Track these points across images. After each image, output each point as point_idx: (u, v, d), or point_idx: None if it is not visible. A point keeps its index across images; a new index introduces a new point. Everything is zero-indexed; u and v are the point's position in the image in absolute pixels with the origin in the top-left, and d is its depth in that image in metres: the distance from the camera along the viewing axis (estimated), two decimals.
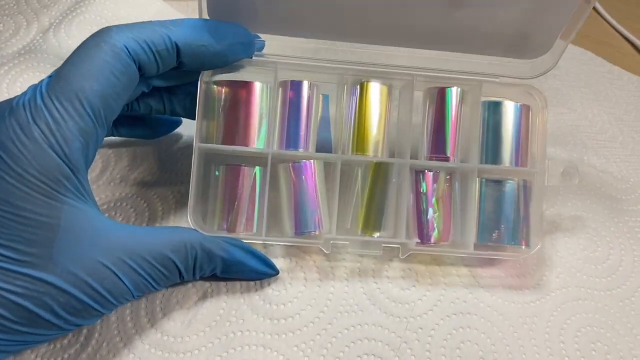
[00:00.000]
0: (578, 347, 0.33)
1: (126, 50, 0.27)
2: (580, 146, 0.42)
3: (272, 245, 0.34)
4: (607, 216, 0.38)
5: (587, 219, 0.38)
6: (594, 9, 0.54)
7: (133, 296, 0.27)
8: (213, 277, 0.32)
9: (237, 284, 0.33)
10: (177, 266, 0.28)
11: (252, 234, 0.33)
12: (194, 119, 0.32)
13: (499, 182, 0.34)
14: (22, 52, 0.40)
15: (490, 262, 0.35)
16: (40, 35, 0.42)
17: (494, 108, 0.34)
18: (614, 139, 0.43)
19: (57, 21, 0.42)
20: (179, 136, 0.39)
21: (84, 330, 0.31)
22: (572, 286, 0.35)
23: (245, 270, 0.32)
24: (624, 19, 0.53)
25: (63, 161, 0.25)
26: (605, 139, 0.43)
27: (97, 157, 0.37)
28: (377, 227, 0.33)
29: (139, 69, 0.28)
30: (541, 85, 0.45)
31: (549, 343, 0.32)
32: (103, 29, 0.28)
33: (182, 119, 0.38)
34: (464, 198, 0.34)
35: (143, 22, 0.28)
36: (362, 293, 0.33)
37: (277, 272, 0.33)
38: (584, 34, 0.51)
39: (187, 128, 0.38)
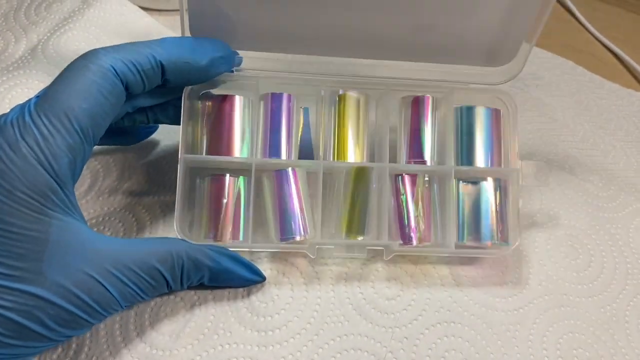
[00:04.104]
0: (560, 354, 0.33)
1: (113, 71, 0.28)
2: (562, 155, 0.43)
3: (258, 254, 0.35)
4: (588, 224, 0.39)
5: (569, 226, 0.39)
6: (575, 17, 0.55)
7: (121, 306, 0.28)
8: (200, 286, 0.33)
9: (225, 296, 0.33)
10: (163, 276, 0.29)
11: (238, 242, 0.33)
12: (179, 124, 0.33)
13: (475, 183, 0.35)
14: (11, 68, 0.41)
15: (473, 268, 0.36)
16: (29, 52, 0.42)
17: (466, 113, 0.36)
18: (596, 147, 0.44)
19: (45, 38, 0.43)
20: (166, 149, 0.39)
21: (73, 345, 0.31)
22: (555, 293, 0.36)
23: (233, 278, 0.32)
24: (605, 28, 0.54)
25: (51, 176, 0.26)
26: (586, 147, 0.44)
27: (85, 171, 0.37)
28: (361, 230, 0.34)
29: (126, 88, 0.29)
30: (523, 95, 0.46)
31: (532, 350, 0.33)
32: (90, 50, 0.28)
33: (160, 125, 0.38)
34: (443, 199, 0.35)
35: (128, 44, 0.29)
36: (349, 304, 0.34)
37: (263, 278, 0.33)
38: (565, 43, 0.52)
39: (173, 140, 0.39)
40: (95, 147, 0.38)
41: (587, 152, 0.44)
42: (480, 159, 0.35)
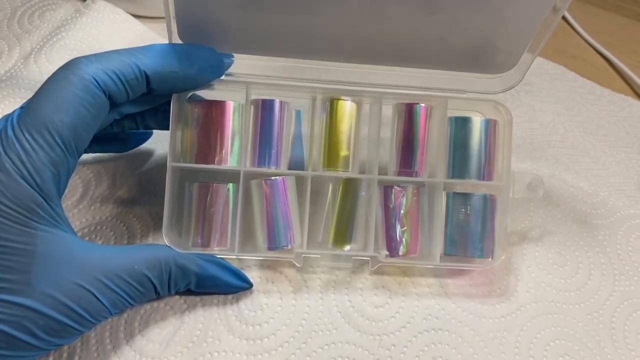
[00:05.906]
0: None
1: (95, 82, 0.27)
2: (552, 161, 0.43)
3: (247, 262, 0.35)
4: (576, 230, 0.39)
5: (557, 233, 0.39)
6: (567, 22, 0.55)
7: (110, 313, 0.28)
8: (188, 292, 0.33)
9: (214, 304, 0.33)
10: (152, 282, 0.29)
11: (225, 249, 0.34)
12: (168, 129, 0.33)
13: (465, 196, 0.35)
14: (4, 78, 0.41)
15: (461, 277, 0.36)
16: (22, 61, 0.42)
17: (461, 123, 0.35)
18: (586, 153, 0.44)
19: (38, 46, 0.43)
20: (158, 157, 0.39)
21: (64, 354, 0.31)
22: (542, 300, 0.36)
23: (219, 285, 0.33)
24: (596, 32, 0.54)
25: (35, 190, 0.26)
26: (576, 154, 0.44)
27: (77, 180, 0.38)
28: (347, 240, 0.34)
29: (109, 98, 0.28)
30: (513, 101, 0.46)
31: (519, 357, 0.33)
32: (72, 60, 0.28)
33: (156, 132, 0.38)
34: (431, 211, 0.35)
35: (111, 52, 0.29)
36: (337, 312, 0.34)
37: (250, 285, 0.34)
38: (557, 48, 0.52)
39: (165, 149, 0.39)
40: (87, 156, 0.38)
41: (577, 158, 0.44)
42: (472, 171, 0.35)
